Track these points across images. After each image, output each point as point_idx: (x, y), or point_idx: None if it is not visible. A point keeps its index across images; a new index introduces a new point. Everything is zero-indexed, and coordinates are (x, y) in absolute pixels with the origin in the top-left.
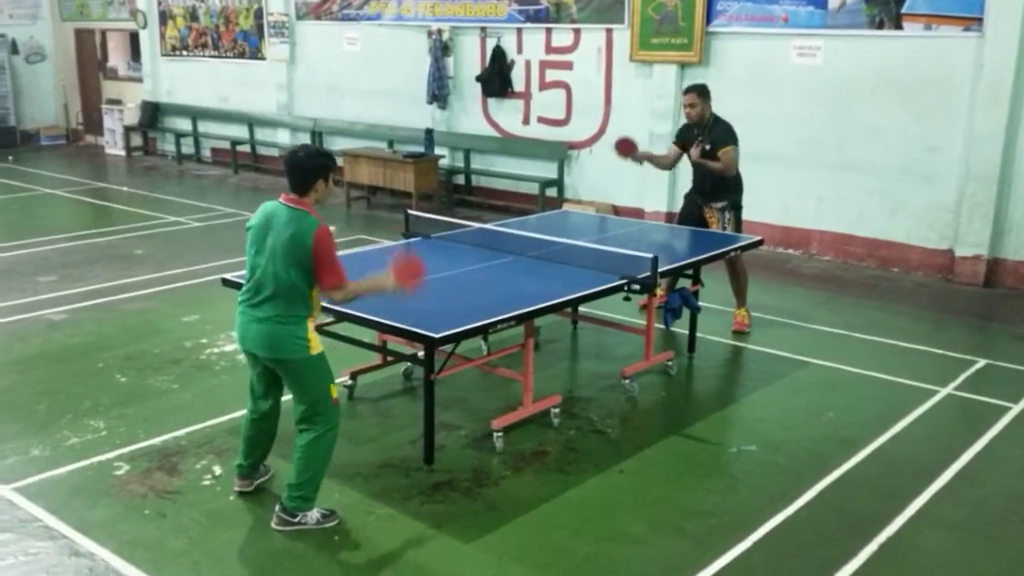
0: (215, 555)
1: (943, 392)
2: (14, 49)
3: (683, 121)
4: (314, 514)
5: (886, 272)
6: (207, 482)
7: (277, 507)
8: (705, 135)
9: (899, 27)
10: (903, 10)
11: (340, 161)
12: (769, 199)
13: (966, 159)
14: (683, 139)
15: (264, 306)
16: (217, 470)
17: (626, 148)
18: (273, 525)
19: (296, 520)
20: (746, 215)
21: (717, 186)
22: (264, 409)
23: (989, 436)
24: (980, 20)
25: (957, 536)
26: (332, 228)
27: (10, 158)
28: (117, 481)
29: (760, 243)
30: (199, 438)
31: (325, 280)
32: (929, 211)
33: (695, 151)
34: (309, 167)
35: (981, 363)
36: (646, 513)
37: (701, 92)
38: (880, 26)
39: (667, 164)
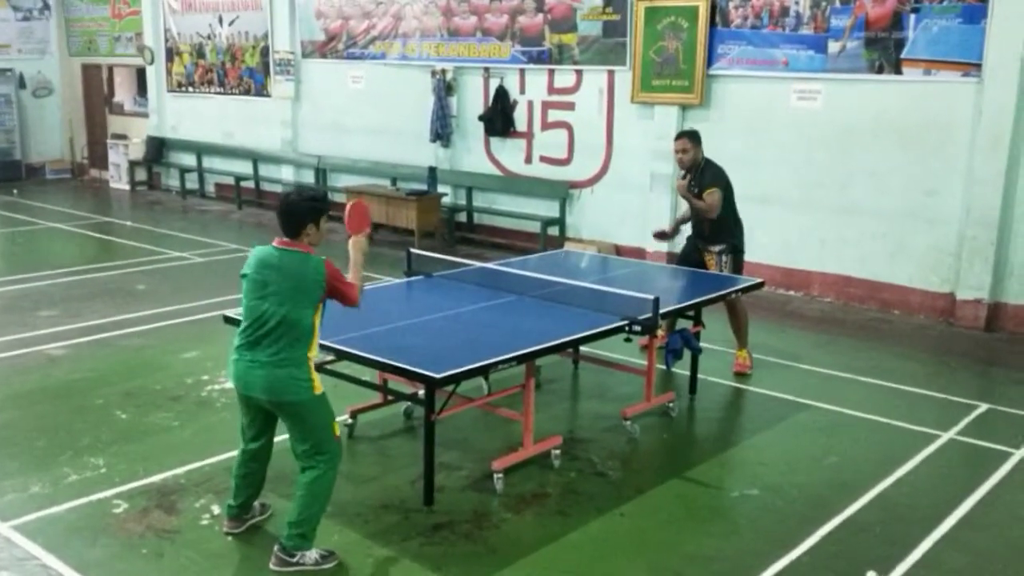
0: None
1: (945, 437)
2: (21, 83)
3: None
4: (312, 554)
5: (887, 315)
6: (205, 521)
7: (276, 547)
8: (695, 179)
9: (899, 72)
10: (903, 55)
11: (342, 198)
12: (770, 240)
13: (966, 203)
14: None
15: (267, 349)
16: (215, 509)
17: (663, 236)
18: (272, 566)
19: (295, 560)
20: (748, 256)
21: (714, 229)
22: (255, 449)
23: (992, 482)
24: (979, 66)
25: None
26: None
27: (15, 191)
28: (115, 519)
29: (760, 285)
30: (198, 476)
31: (350, 298)
32: (930, 254)
33: (682, 184)
34: (300, 211)
35: (983, 408)
36: (647, 557)
37: (692, 137)
38: (880, 71)
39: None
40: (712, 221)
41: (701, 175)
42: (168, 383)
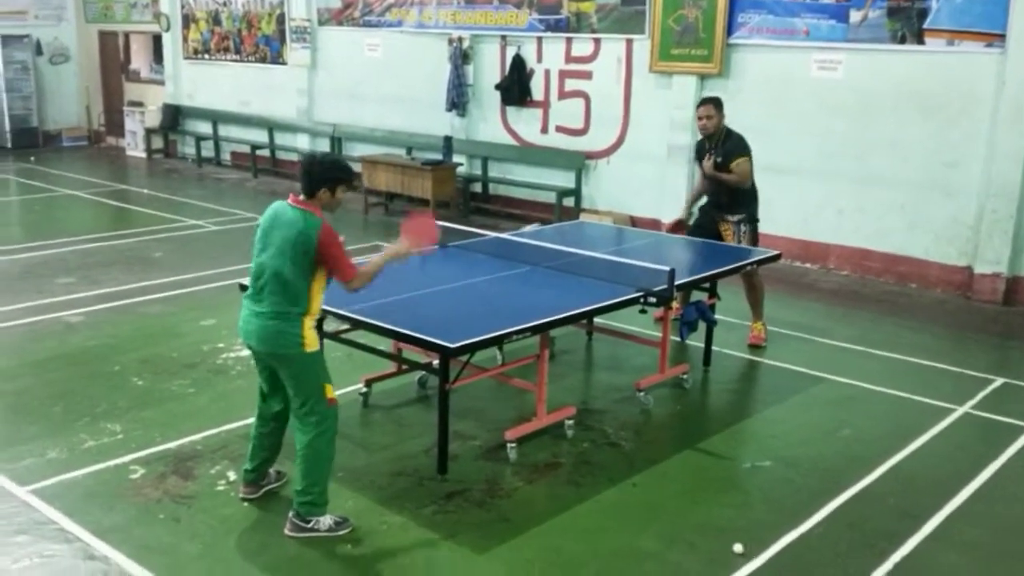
0: (228, 560)
1: (960, 410)
2: (38, 50)
3: None
4: (326, 520)
5: (904, 288)
6: (221, 487)
7: (290, 513)
8: (718, 148)
9: (921, 42)
10: (925, 25)
11: (358, 167)
12: (788, 212)
13: (987, 175)
14: (697, 155)
15: (264, 301)
16: (231, 475)
17: (679, 227)
18: (286, 531)
19: (309, 525)
20: (764, 228)
21: (734, 199)
22: (273, 410)
23: (1007, 455)
24: (1003, 36)
25: (974, 557)
26: (342, 238)
27: (32, 158)
28: (132, 485)
29: (778, 257)
30: (214, 443)
31: (344, 274)
32: (949, 227)
33: (708, 164)
34: (318, 172)
35: (999, 382)
36: (659, 528)
37: (716, 104)
38: (902, 41)
39: (703, 189)
40: (733, 191)
41: (724, 144)
42: (184, 350)
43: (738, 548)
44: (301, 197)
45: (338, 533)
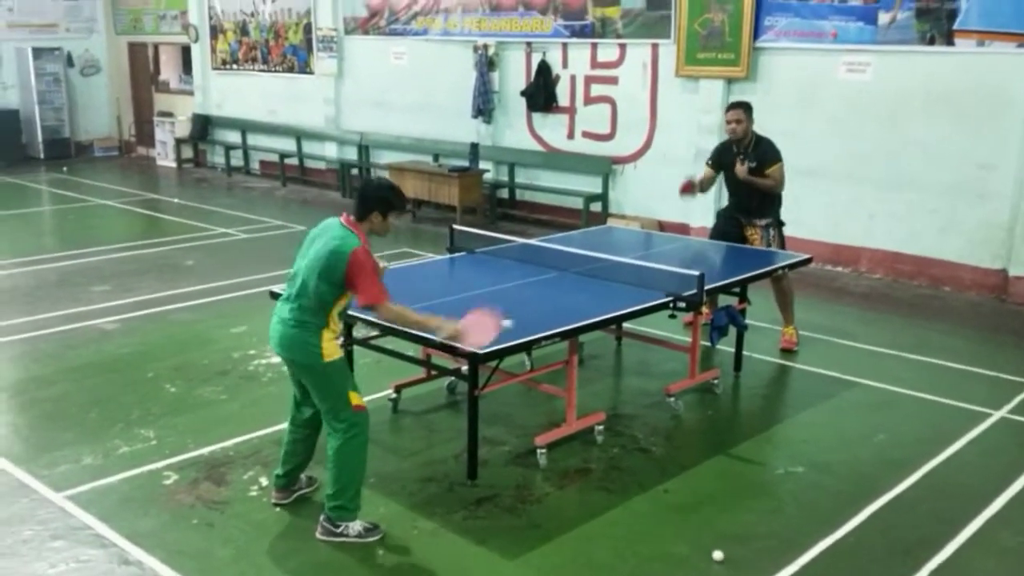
0: (261, 565)
1: (996, 415)
2: (70, 62)
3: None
4: (356, 526)
5: (937, 291)
6: (254, 493)
7: (322, 516)
8: (749, 153)
9: (951, 43)
10: (955, 26)
11: (385, 174)
12: (818, 216)
13: (1020, 177)
14: (719, 159)
15: (290, 309)
16: (263, 481)
17: (687, 188)
18: (317, 535)
19: (339, 530)
20: (795, 232)
21: (763, 203)
22: (304, 416)
23: None
24: None
25: (1011, 564)
26: (383, 264)
27: (64, 169)
28: (166, 490)
29: (808, 261)
30: (246, 449)
31: (361, 296)
32: (982, 229)
33: (741, 169)
34: (371, 196)
35: None
36: (690, 534)
37: (746, 108)
38: (931, 42)
39: (708, 187)
40: (763, 195)
41: (755, 149)
42: (216, 357)
43: (718, 556)
44: (352, 217)
45: (368, 540)
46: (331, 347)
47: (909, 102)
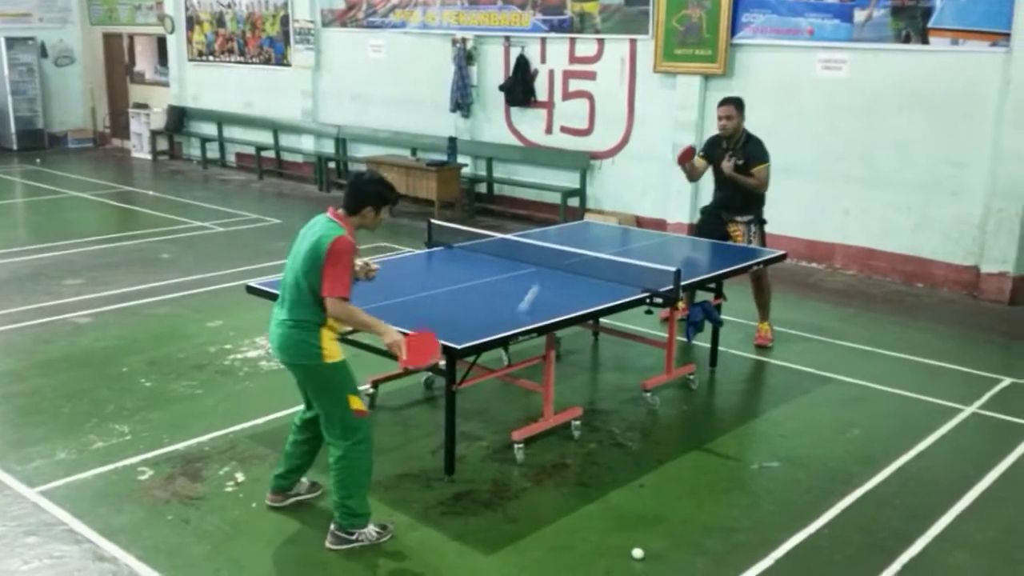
0: (238, 562)
1: (968, 411)
2: (43, 52)
3: (708, 133)
4: (371, 531)
5: (911, 288)
6: (230, 488)
7: (332, 526)
8: (737, 150)
9: (925, 41)
10: (929, 24)
11: (363, 168)
12: (793, 212)
13: (993, 174)
14: (709, 151)
15: (285, 310)
16: (240, 477)
17: (687, 155)
18: (328, 545)
19: (353, 537)
20: (770, 228)
21: (747, 201)
22: (308, 418)
23: (1015, 456)
24: (1008, 36)
25: (982, 558)
26: (373, 266)
27: (38, 160)
28: (141, 486)
29: (784, 257)
30: (222, 444)
31: (324, 287)
32: (955, 226)
33: (727, 165)
34: (364, 191)
35: (1007, 382)
36: (666, 529)
37: (737, 104)
38: (906, 40)
39: (697, 175)
40: (747, 193)
41: (744, 147)
42: (192, 352)
43: (637, 553)
44: (341, 211)
45: (381, 541)
46: (332, 348)
47: (884, 100)
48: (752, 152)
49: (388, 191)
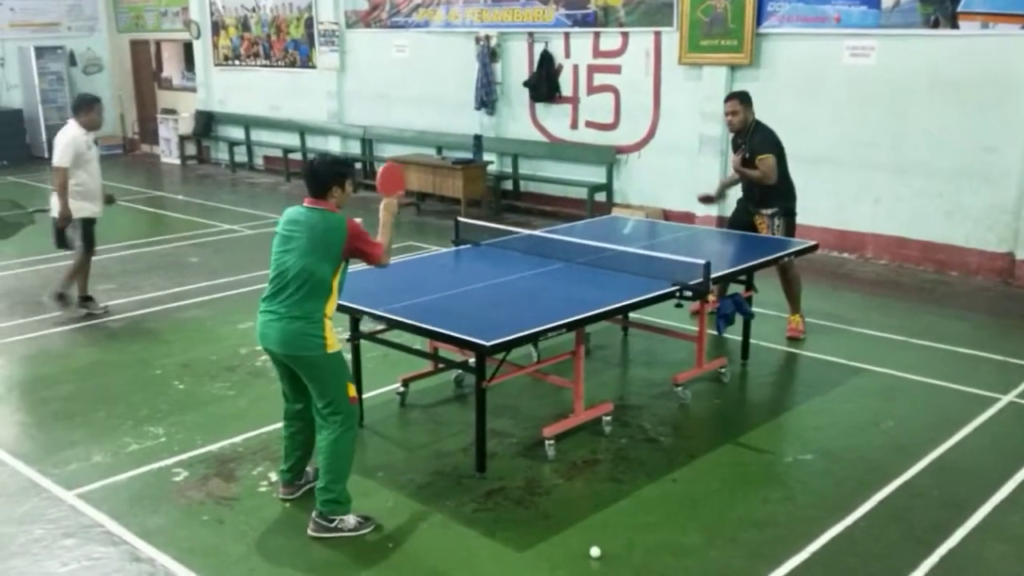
0: (272, 561)
1: (1005, 400)
2: (72, 61)
3: None
4: (351, 520)
5: (944, 276)
6: (263, 488)
7: (314, 513)
8: (746, 143)
9: (955, 26)
10: (959, 9)
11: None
12: (823, 202)
13: None
14: (733, 147)
15: (285, 303)
16: (273, 476)
17: (708, 201)
18: (310, 532)
19: (333, 525)
20: (800, 219)
21: (765, 193)
22: (297, 409)
23: None
24: None
25: (1022, 548)
26: (358, 220)
27: None
28: (176, 487)
29: (814, 248)
30: (255, 444)
31: (374, 256)
32: (988, 213)
33: (735, 159)
34: (324, 173)
35: None
36: (700, 523)
37: (742, 98)
38: (935, 25)
39: (730, 185)
40: (764, 186)
41: (751, 138)
42: (223, 354)
43: (595, 552)
44: (313, 198)
45: (362, 532)
46: (332, 338)
47: (913, 86)
48: (757, 143)
49: (343, 166)
